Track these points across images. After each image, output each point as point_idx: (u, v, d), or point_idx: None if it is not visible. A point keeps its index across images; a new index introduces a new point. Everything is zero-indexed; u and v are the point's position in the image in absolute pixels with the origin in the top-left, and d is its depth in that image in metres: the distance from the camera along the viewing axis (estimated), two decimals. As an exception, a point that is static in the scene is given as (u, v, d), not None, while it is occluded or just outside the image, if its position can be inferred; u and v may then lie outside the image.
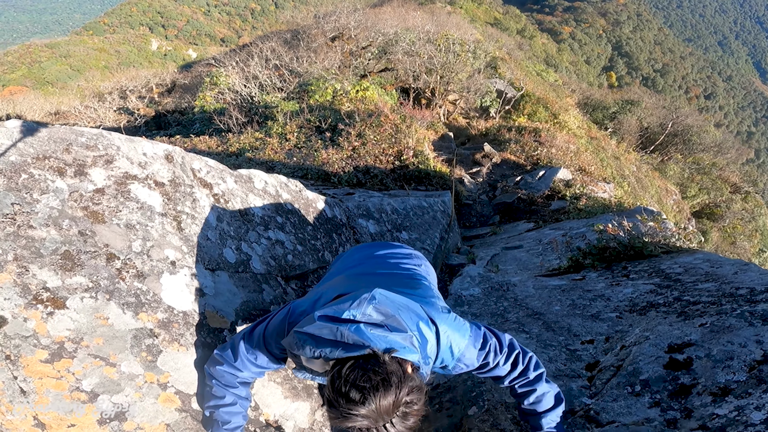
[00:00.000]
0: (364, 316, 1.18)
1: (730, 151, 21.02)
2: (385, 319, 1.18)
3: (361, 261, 1.77)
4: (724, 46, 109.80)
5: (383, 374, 1.07)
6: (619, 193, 8.52)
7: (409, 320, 1.22)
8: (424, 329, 1.25)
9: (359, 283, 1.46)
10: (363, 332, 1.13)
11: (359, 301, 1.20)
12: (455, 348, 1.34)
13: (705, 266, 2.58)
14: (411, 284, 1.54)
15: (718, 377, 1.59)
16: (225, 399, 1.52)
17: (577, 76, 63.38)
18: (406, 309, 1.25)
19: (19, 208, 1.44)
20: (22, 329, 1.38)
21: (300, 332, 1.20)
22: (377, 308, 1.20)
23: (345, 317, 1.18)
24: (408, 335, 1.18)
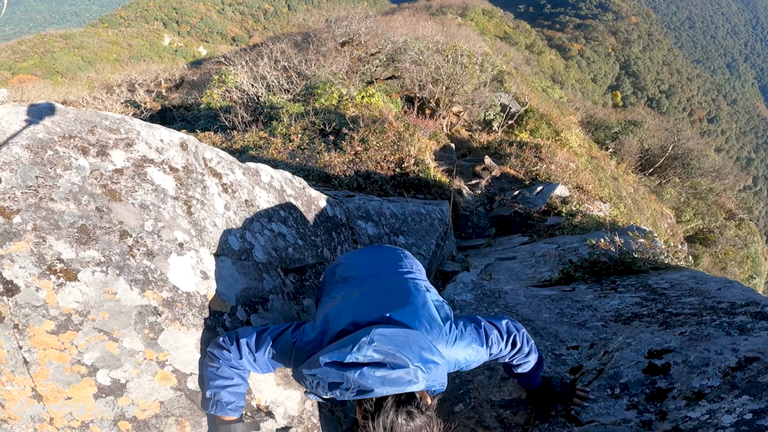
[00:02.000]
0: (365, 358, 1.27)
1: (728, 177, 21.20)
2: (385, 358, 1.27)
3: (363, 277, 1.80)
4: (732, 69, 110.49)
5: (418, 416, 1.24)
6: (615, 213, 8.63)
7: (410, 354, 1.30)
8: (428, 357, 1.33)
9: (362, 310, 1.53)
10: (366, 377, 1.24)
11: (359, 345, 1.29)
12: (462, 359, 1.49)
13: (690, 282, 2.67)
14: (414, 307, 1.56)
15: (693, 382, 1.67)
16: (233, 380, 1.59)
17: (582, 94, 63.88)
18: (405, 344, 1.33)
19: (43, 181, 1.52)
20: (34, 299, 1.44)
21: (310, 374, 1.32)
22: (377, 349, 1.28)
23: (348, 361, 1.27)
24: (410, 369, 1.26)
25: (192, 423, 1.63)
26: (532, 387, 1.84)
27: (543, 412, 1.85)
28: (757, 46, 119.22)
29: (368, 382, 1.23)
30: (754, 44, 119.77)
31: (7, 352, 1.40)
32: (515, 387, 2.05)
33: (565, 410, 1.80)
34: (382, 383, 1.24)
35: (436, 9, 42.87)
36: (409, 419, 1.23)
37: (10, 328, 1.41)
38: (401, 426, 1.23)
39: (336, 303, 1.63)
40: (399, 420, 1.23)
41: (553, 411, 1.82)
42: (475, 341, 1.52)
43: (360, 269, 1.88)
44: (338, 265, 2.00)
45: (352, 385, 1.24)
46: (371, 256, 2.04)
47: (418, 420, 1.24)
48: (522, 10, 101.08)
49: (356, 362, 1.27)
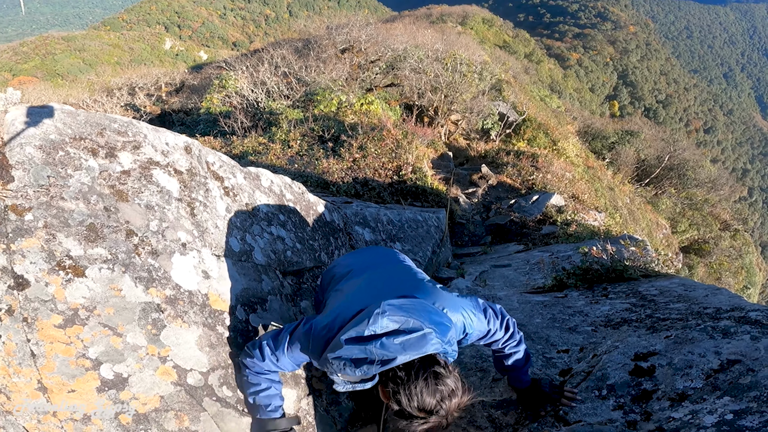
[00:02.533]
0: (382, 328, 1.34)
1: (723, 188, 21.39)
2: (400, 325, 1.34)
3: (363, 269, 1.88)
4: (729, 79, 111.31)
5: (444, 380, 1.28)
6: (610, 222, 8.72)
7: (422, 317, 1.38)
8: (438, 320, 1.41)
9: (369, 293, 1.59)
10: (387, 347, 1.30)
11: (374, 318, 1.35)
12: (467, 325, 1.55)
13: (679, 289, 2.74)
14: (414, 283, 1.68)
15: (677, 384, 1.73)
16: (261, 385, 1.70)
17: (580, 104, 64.35)
18: (415, 310, 1.40)
19: (54, 180, 1.58)
20: (43, 293, 1.50)
21: (335, 357, 1.36)
22: (391, 318, 1.35)
23: (367, 335, 1.34)
24: (425, 331, 1.33)
25: (191, 417, 1.68)
26: (522, 386, 1.90)
27: (532, 412, 1.91)
28: (754, 55, 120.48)
29: (390, 351, 1.29)
30: (751, 54, 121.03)
31: (15, 345, 1.46)
32: (506, 388, 2.10)
33: (553, 410, 1.86)
34: (403, 349, 1.29)
35: (437, 17, 43.31)
36: (440, 380, 1.28)
37: (20, 321, 1.46)
38: (432, 387, 1.26)
39: (342, 294, 1.69)
40: (430, 382, 1.27)
41: (542, 411, 1.88)
42: (476, 308, 1.60)
43: (358, 264, 1.95)
44: (335, 266, 2.07)
45: (376, 357, 1.29)
46: (366, 253, 2.15)
47: (448, 380, 1.29)
48: (521, 19, 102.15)
49: (375, 334, 1.33)
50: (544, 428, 1.79)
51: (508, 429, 1.92)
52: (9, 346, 1.45)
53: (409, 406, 1.26)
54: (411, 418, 1.28)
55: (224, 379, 1.79)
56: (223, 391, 1.77)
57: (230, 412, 1.76)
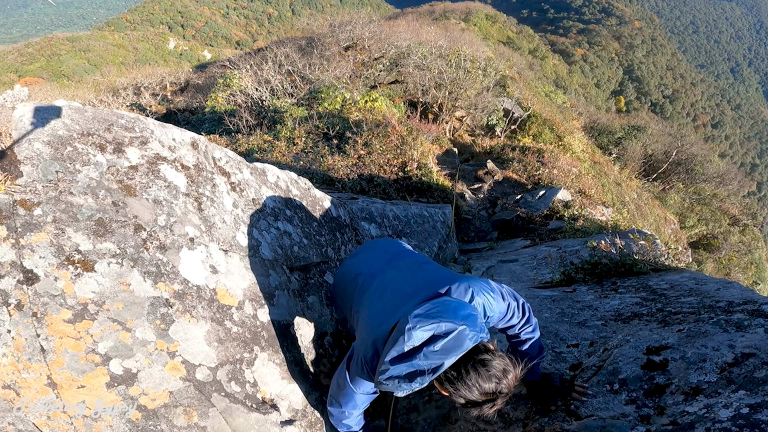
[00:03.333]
0: (419, 340, 1.37)
1: (732, 183, 21.12)
2: (434, 331, 1.37)
3: (372, 275, 1.91)
4: (736, 73, 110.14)
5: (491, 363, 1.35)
6: (618, 217, 8.65)
7: (450, 316, 1.41)
8: (464, 313, 1.44)
9: (392, 305, 1.63)
10: (430, 356, 1.33)
11: (407, 334, 1.38)
12: (487, 307, 1.59)
13: (690, 283, 2.70)
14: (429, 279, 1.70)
15: (690, 378, 1.71)
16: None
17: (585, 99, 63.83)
18: (441, 312, 1.43)
19: (62, 176, 1.58)
20: (52, 288, 1.50)
21: (386, 378, 1.38)
22: (423, 329, 1.38)
23: (407, 350, 1.37)
24: (459, 329, 1.36)
25: (199, 413, 1.68)
26: (533, 378, 1.89)
27: (542, 406, 1.89)
28: (761, 50, 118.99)
29: (434, 359, 1.33)
30: (758, 49, 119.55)
31: (25, 340, 1.46)
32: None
33: (564, 405, 1.84)
34: (445, 353, 1.33)
35: (440, 14, 43.09)
36: (488, 365, 1.34)
37: (29, 316, 1.46)
38: (485, 374, 1.33)
39: (366, 315, 1.72)
40: (481, 371, 1.33)
41: (552, 406, 1.86)
42: (493, 291, 1.62)
43: (365, 266, 1.98)
44: (343, 271, 2.11)
45: (425, 368, 1.33)
46: (368, 252, 2.15)
47: (495, 363, 1.35)
48: (525, 15, 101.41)
49: (414, 347, 1.36)
50: (555, 423, 1.78)
51: (518, 424, 1.90)
52: (18, 341, 1.46)
53: (473, 397, 1.33)
54: (479, 405, 1.35)
55: (232, 375, 1.78)
56: (232, 386, 1.77)
57: (239, 407, 1.76)
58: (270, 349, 1.98)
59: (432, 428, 2.09)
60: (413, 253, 2.07)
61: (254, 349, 1.90)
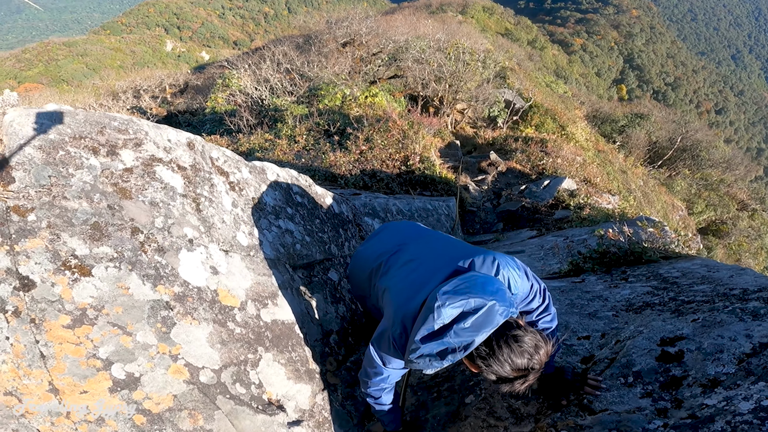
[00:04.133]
0: (449, 317, 1.33)
1: (738, 168, 20.87)
2: (464, 308, 1.34)
3: (392, 252, 1.88)
4: (737, 60, 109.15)
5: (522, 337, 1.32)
6: (624, 205, 8.55)
7: (479, 291, 1.37)
8: (492, 288, 1.40)
9: (419, 282, 1.59)
10: (460, 333, 1.31)
11: (436, 312, 1.34)
12: (513, 284, 1.55)
13: (702, 270, 2.64)
14: (453, 253, 1.66)
15: (708, 369, 1.65)
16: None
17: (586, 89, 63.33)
18: (469, 287, 1.39)
19: (56, 180, 1.55)
20: (49, 294, 1.47)
21: (417, 357, 1.36)
22: (452, 306, 1.34)
23: (438, 328, 1.34)
24: (489, 304, 1.33)
25: (205, 416, 1.65)
26: (545, 372, 1.83)
27: (554, 401, 1.85)
28: (761, 37, 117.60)
29: (466, 336, 1.30)
30: (758, 35, 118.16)
31: (24, 346, 1.43)
32: (526, 378, 2.04)
33: (577, 399, 1.79)
34: (476, 329, 1.30)
35: (436, 7, 42.72)
36: (520, 340, 1.31)
37: (27, 323, 1.43)
38: (517, 350, 1.30)
39: (392, 293, 1.67)
40: (513, 346, 1.30)
41: (564, 400, 1.82)
42: (518, 267, 1.58)
43: (387, 245, 1.94)
44: (364, 252, 2.06)
45: (456, 345, 1.30)
46: (388, 232, 2.10)
47: (527, 338, 1.32)
48: (522, 5, 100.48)
49: (444, 325, 1.33)
50: (568, 418, 1.73)
51: (530, 419, 1.86)
52: (17, 347, 1.43)
53: (505, 373, 1.31)
54: (511, 381, 1.33)
55: (237, 376, 1.75)
56: (237, 388, 1.74)
57: (244, 409, 1.73)
58: (275, 350, 1.94)
59: (442, 426, 2.05)
60: (433, 231, 2.03)
61: (258, 350, 1.87)
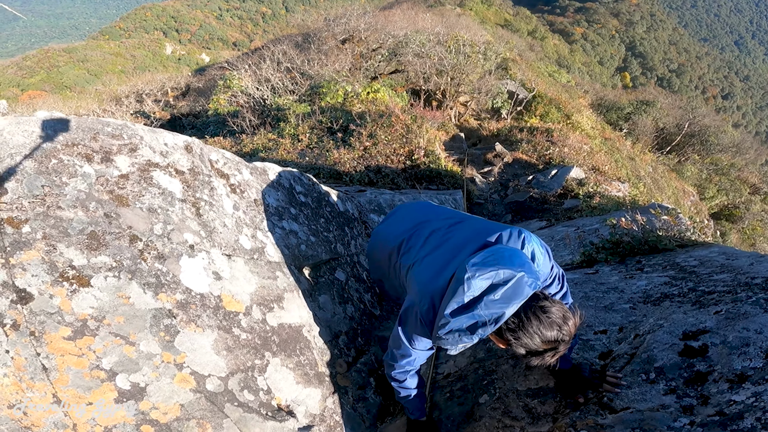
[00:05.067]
0: (479, 289, 1.32)
1: (748, 152, 20.51)
2: (493, 280, 1.33)
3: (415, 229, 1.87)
4: (741, 46, 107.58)
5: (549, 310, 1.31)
6: (635, 192, 8.39)
7: (507, 263, 1.36)
8: (520, 260, 1.39)
9: (446, 257, 1.58)
10: (491, 304, 1.30)
11: (466, 284, 1.33)
12: (537, 259, 1.53)
13: (721, 258, 2.55)
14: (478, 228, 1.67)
15: (734, 364, 1.58)
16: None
17: (590, 77, 62.63)
18: (498, 259, 1.38)
19: (49, 189, 1.50)
20: (48, 306, 1.43)
21: (447, 332, 1.35)
22: (481, 277, 1.33)
23: (468, 301, 1.33)
24: (518, 275, 1.32)
25: (213, 425, 1.60)
26: (563, 368, 1.76)
27: (572, 400, 1.78)
28: (762, 23, 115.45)
29: (496, 308, 1.29)
30: (760, 21, 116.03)
31: (25, 360, 1.39)
32: (542, 375, 1.97)
33: (597, 397, 1.73)
34: (506, 301, 1.29)
35: (434, 0, 42.32)
36: (548, 312, 1.30)
37: (27, 336, 1.40)
38: (546, 321, 1.29)
39: (417, 271, 1.65)
40: (542, 317, 1.29)
41: (581, 398, 1.75)
42: (542, 245, 1.57)
43: (406, 225, 1.92)
44: (381, 234, 2.05)
45: (486, 318, 1.29)
46: (403, 212, 2.09)
47: (555, 309, 1.31)
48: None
49: (474, 297, 1.32)
50: (588, 417, 1.66)
51: (547, 419, 1.79)
52: (18, 360, 1.39)
53: (535, 345, 1.29)
54: (540, 354, 1.31)
55: (245, 383, 1.71)
56: (245, 395, 1.69)
57: (253, 416, 1.68)
58: (282, 354, 1.89)
59: (456, 426, 1.99)
60: (450, 209, 2.03)
61: (266, 355, 1.82)
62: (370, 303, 2.71)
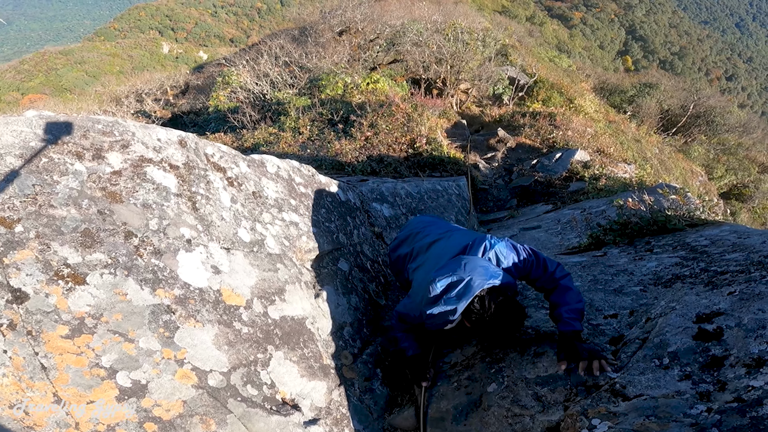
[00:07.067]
0: (440, 289, 1.84)
1: (755, 131, 20.15)
2: (451, 281, 1.83)
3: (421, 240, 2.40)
4: (742, 28, 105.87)
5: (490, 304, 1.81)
6: (641, 174, 8.27)
7: (460, 270, 1.84)
8: (472, 266, 1.85)
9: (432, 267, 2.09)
10: (448, 301, 1.81)
11: (431, 285, 1.85)
12: (500, 257, 1.99)
13: (732, 237, 2.48)
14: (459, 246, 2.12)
15: (751, 347, 1.52)
16: None
17: (591, 61, 61.75)
18: (455, 267, 1.87)
19: (40, 188, 1.47)
20: (44, 305, 1.41)
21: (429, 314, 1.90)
22: (441, 282, 1.84)
23: (433, 296, 1.85)
24: (467, 279, 1.80)
25: (217, 421, 1.58)
26: (564, 330, 1.85)
27: (584, 387, 1.73)
28: (762, 5, 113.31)
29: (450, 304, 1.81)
30: (760, 3, 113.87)
31: (23, 359, 1.37)
32: (551, 362, 1.93)
33: (609, 385, 1.68)
34: (457, 299, 1.80)
35: (432, -12, 41.58)
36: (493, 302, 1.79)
37: (24, 335, 1.37)
38: None
39: (418, 271, 2.21)
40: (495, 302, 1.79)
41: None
42: (507, 246, 2.03)
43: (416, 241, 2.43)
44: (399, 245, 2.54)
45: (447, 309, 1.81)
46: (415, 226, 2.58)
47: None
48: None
49: (437, 295, 1.83)
50: (600, 404, 1.61)
51: (558, 407, 1.74)
52: (17, 360, 1.37)
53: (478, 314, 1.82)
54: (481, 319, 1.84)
55: (248, 378, 1.68)
56: (248, 390, 1.66)
57: (257, 411, 1.65)
58: (285, 347, 1.86)
59: (464, 416, 1.96)
60: (446, 224, 2.60)
61: (268, 349, 1.79)
62: (374, 293, 2.67)
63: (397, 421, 2.10)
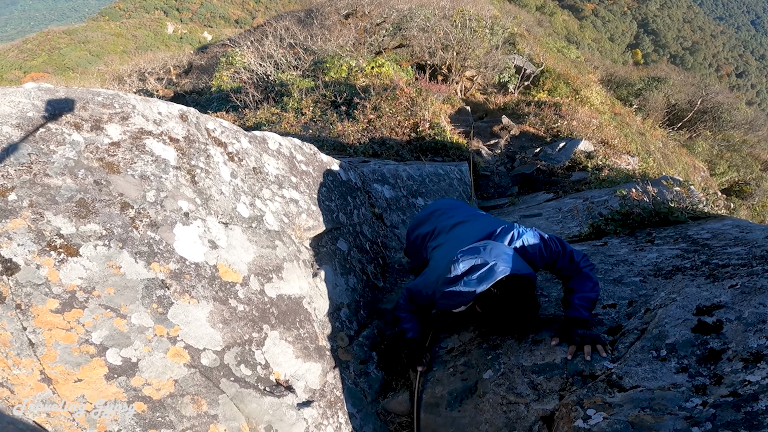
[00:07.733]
0: (462, 270, 1.81)
1: (761, 129, 19.98)
2: (474, 263, 1.79)
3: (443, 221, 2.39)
4: (757, 25, 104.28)
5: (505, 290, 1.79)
6: (644, 166, 8.21)
7: (487, 255, 1.80)
8: (497, 252, 1.82)
9: (455, 246, 2.03)
10: (468, 283, 1.78)
11: (453, 265, 1.82)
12: (527, 245, 1.96)
13: (734, 231, 2.45)
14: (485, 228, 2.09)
15: (749, 342, 1.50)
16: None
17: (600, 53, 60.93)
18: (481, 250, 1.83)
19: (36, 157, 1.44)
20: (35, 276, 1.37)
21: (442, 295, 1.90)
22: (465, 262, 1.81)
23: (453, 277, 1.82)
24: (491, 264, 1.76)
25: (208, 401, 1.57)
26: (571, 315, 1.87)
27: (580, 377, 1.72)
28: None
29: (471, 286, 1.77)
30: None
31: (11, 334, 1.34)
32: (548, 351, 1.92)
33: (605, 375, 1.67)
34: (479, 282, 1.76)
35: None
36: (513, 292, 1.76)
37: (12, 309, 1.34)
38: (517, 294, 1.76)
39: (439, 250, 2.18)
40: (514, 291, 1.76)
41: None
42: (535, 236, 1.99)
43: (437, 221, 2.42)
44: (417, 226, 2.52)
45: (464, 290, 1.78)
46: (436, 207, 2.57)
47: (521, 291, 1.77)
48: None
49: (458, 275, 1.81)
50: (596, 395, 1.60)
51: (553, 396, 1.74)
52: (4, 335, 1.34)
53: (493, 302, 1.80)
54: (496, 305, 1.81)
55: (242, 357, 1.66)
56: (242, 370, 1.65)
57: (250, 392, 1.64)
58: (281, 327, 1.85)
59: (459, 402, 1.95)
60: (469, 207, 2.62)
61: (264, 328, 1.77)
62: (373, 274, 2.66)
63: (391, 406, 2.10)
